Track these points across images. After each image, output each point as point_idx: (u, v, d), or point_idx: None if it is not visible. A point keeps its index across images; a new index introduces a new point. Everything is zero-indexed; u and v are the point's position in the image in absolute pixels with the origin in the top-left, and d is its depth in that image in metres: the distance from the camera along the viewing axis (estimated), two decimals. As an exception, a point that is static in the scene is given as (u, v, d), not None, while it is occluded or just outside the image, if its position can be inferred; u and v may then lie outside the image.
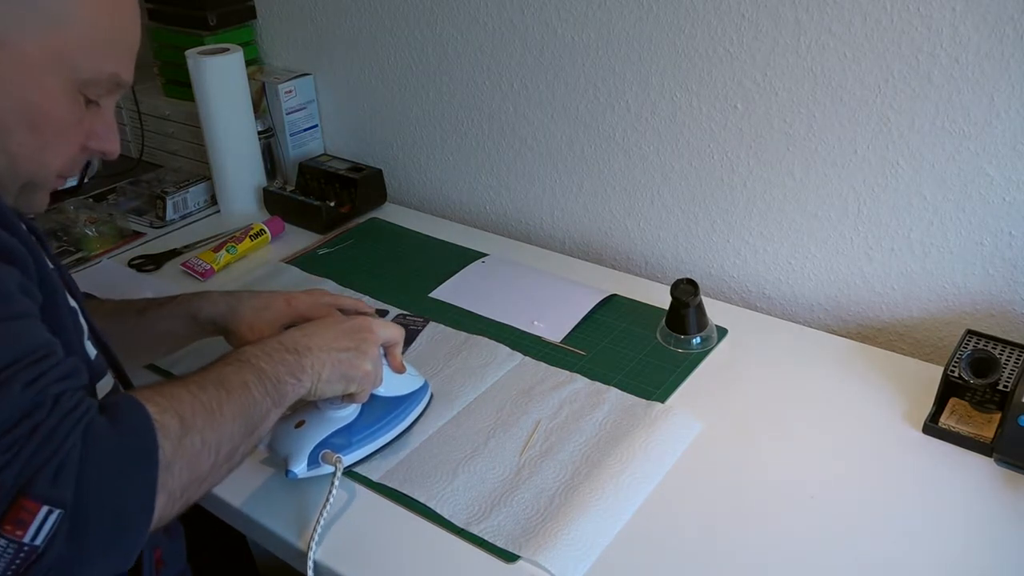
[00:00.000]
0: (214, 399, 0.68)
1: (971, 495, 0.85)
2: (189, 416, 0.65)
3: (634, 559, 0.80)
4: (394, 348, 0.90)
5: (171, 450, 0.62)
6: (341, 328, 0.84)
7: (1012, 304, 1.04)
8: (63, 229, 1.42)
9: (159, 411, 0.63)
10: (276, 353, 0.77)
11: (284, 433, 0.87)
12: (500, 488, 0.87)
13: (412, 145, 1.52)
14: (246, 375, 0.73)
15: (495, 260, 1.32)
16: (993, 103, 0.95)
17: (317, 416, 0.87)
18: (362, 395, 0.85)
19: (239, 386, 0.72)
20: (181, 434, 0.64)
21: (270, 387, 0.74)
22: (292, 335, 0.80)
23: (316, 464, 0.85)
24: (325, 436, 0.86)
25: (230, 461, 0.70)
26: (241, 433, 0.70)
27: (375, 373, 0.85)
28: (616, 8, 1.17)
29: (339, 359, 0.81)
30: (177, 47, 1.53)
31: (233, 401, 0.70)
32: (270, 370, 0.75)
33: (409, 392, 0.94)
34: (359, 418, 0.88)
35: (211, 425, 0.67)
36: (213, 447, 0.67)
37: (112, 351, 0.81)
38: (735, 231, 1.21)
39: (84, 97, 0.68)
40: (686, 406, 0.99)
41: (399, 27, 1.42)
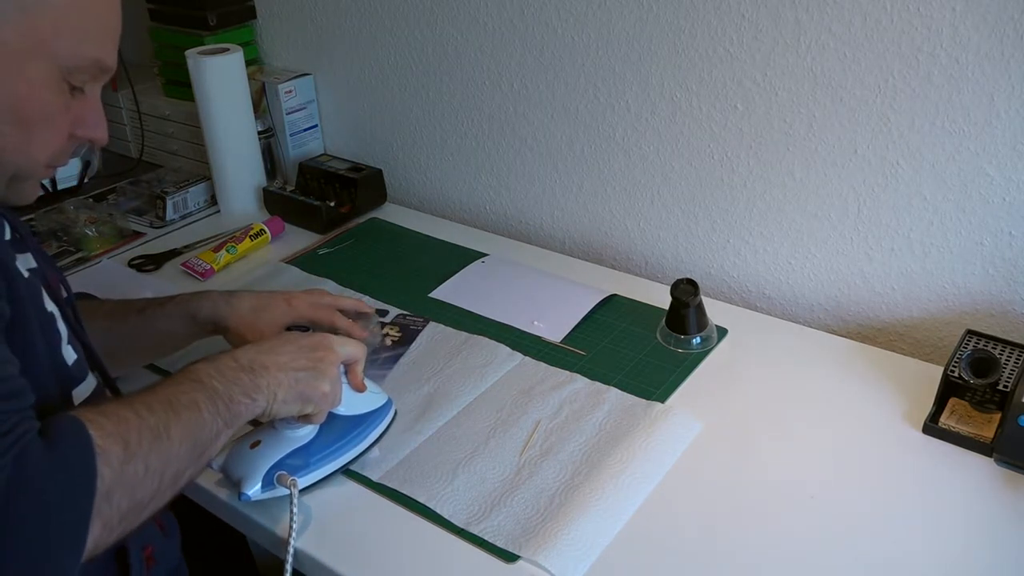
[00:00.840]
0: (161, 421, 0.66)
1: (971, 495, 0.85)
2: (134, 440, 0.63)
3: (634, 559, 0.80)
4: (355, 366, 0.86)
5: (111, 477, 0.60)
6: (299, 345, 0.80)
7: (1012, 304, 1.04)
8: (63, 229, 1.42)
9: (103, 435, 0.61)
10: (230, 371, 0.74)
11: (238, 454, 0.84)
12: (500, 488, 0.87)
13: (412, 145, 1.52)
14: (196, 395, 0.70)
15: (495, 260, 1.32)
16: (993, 103, 0.95)
17: (273, 435, 0.84)
18: (319, 416, 0.82)
19: (188, 406, 0.69)
20: (124, 460, 0.62)
21: (222, 407, 0.71)
22: (248, 352, 0.77)
23: (271, 486, 0.82)
24: (280, 457, 0.83)
25: (175, 485, 0.67)
26: (188, 456, 0.68)
27: (333, 393, 0.81)
28: (616, 8, 1.17)
29: (296, 378, 0.78)
30: (177, 47, 1.53)
31: (182, 423, 0.67)
32: (223, 390, 0.72)
33: (369, 411, 0.89)
34: (317, 438, 0.85)
35: (157, 450, 0.65)
36: (158, 473, 0.64)
37: (96, 352, 0.80)
38: (735, 231, 1.21)
39: (68, 84, 0.67)
40: (686, 406, 0.99)
41: (399, 27, 1.42)
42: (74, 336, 0.76)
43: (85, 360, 0.77)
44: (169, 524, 0.87)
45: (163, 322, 0.96)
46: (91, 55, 0.67)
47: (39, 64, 0.64)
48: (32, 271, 0.72)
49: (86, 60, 0.67)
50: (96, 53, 0.68)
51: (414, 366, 1.07)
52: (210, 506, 0.90)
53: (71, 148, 0.72)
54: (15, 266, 0.69)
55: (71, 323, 0.77)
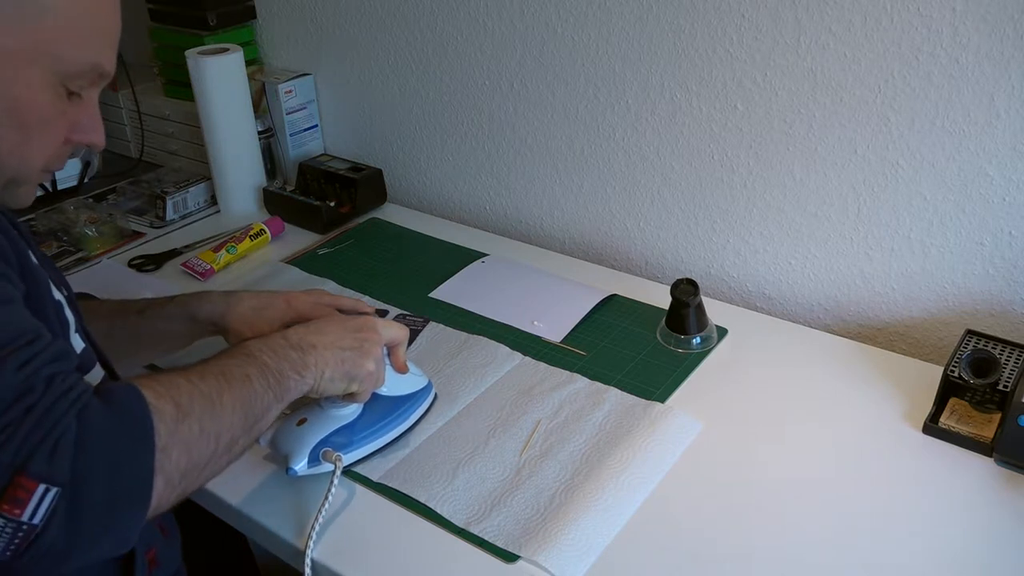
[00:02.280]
0: (214, 388, 0.69)
1: (971, 495, 0.85)
2: (187, 402, 0.65)
3: (634, 559, 0.80)
4: (397, 348, 0.90)
5: (167, 434, 0.62)
6: (346, 327, 0.84)
7: (1012, 304, 1.04)
8: (63, 229, 1.42)
9: (154, 396, 0.63)
10: (280, 349, 0.77)
11: (285, 430, 0.87)
12: (500, 488, 0.87)
13: (412, 145, 1.52)
14: (248, 368, 0.73)
15: (495, 260, 1.32)
16: (993, 103, 0.95)
17: (319, 414, 0.87)
18: (364, 395, 0.85)
19: (241, 378, 0.72)
20: (178, 419, 0.64)
21: (272, 381, 0.74)
22: (297, 332, 0.81)
23: (316, 462, 0.85)
24: (326, 434, 0.86)
25: (230, 452, 0.70)
26: (241, 424, 0.70)
27: (377, 373, 0.85)
28: (616, 8, 1.17)
29: (343, 358, 0.81)
30: (177, 47, 1.53)
31: (234, 392, 0.70)
32: (273, 365, 0.75)
33: (411, 392, 0.93)
34: (361, 417, 0.88)
35: (210, 413, 0.67)
36: (212, 435, 0.67)
37: (100, 347, 0.81)
38: (735, 231, 1.21)
39: (66, 89, 0.67)
40: (686, 406, 0.99)
41: (399, 27, 1.42)
42: (80, 327, 0.77)
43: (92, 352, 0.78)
44: (170, 526, 0.87)
45: (163, 322, 0.96)
46: (89, 60, 0.67)
47: (37, 69, 0.64)
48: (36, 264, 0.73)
49: (84, 65, 0.67)
50: (95, 58, 0.68)
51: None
52: (211, 507, 0.90)
53: (68, 152, 0.72)
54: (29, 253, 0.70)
55: (78, 313, 0.78)
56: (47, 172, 0.71)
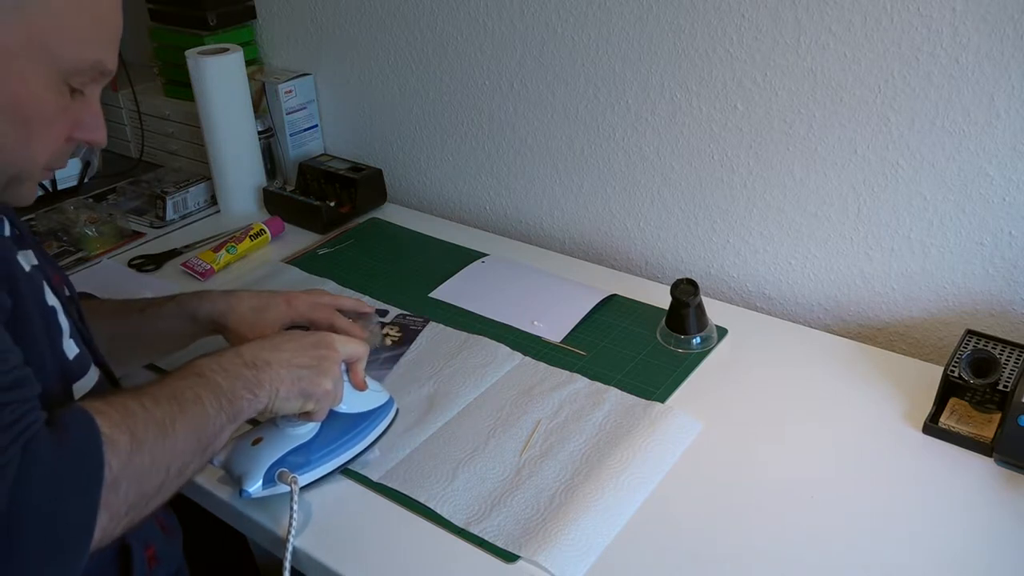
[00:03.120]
0: (167, 415, 0.67)
1: (971, 495, 0.85)
2: (141, 432, 0.64)
3: (634, 559, 0.80)
4: (356, 364, 0.87)
5: (118, 467, 0.61)
6: (302, 343, 0.81)
7: (1012, 304, 1.04)
8: (63, 229, 1.42)
9: (110, 425, 0.62)
10: (233, 367, 0.75)
11: (240, 450, 0.84)
12: (500, 488, 0.87)
13: (412, 145, 1.52)
14: (200, 390, 0.71)
15: (495, 260, 1.32)
16: (993, 103, 0.95)
17: (275, 433, 0.85)
18: (320, 413, 0.82)
19: (192, 400, 0.70)
20: (131, 451, 0.62)
21: (225, 403, 0.72)
22: (251, 348, 0.78)
23: (272, 483, 0.83)
24: (282, 454, 0.83)
25: (180, 478, 0.68)
26: (193, 450, 0.69)
27: (335, 391, 0.82)
28: (616, 8, 1.17)
29: (298, 376, 0.78)
30: (177, 47, 1.53)
31: (186, 417, 0.68)
32: (226, 385, 0.73)
33: (371, 408, 0.90)
34: (318, 436, 0.85)
35: (162, 442, 0.65)
36: (163, 465, 0.65)
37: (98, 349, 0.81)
38: (735, 231, 1.21)
39: (68, 86, 0.67)
40: (686, 406, 0.99)
41: (399, 27, 1.42)
42: (76, 331, 0.76)
43: (88, 355, 0.77)
44: (171, 524, 0.87)
45: (163, 322, 0.96)
46: (91, 57, 0.67)
47: (38, 66, 0.64)
48: (34, 267, 0.73)
49: (86, 63, 0.67)
50: (96, 55, 0.67)
51: (414, 366, 1.07)
52: (211, 506, 0.90)
53: (70, 150, 0.72)
54: (16, 259, 0.69)
55: (73, 318, 0.77)
56: (49, 170, 0.71)
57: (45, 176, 0.72)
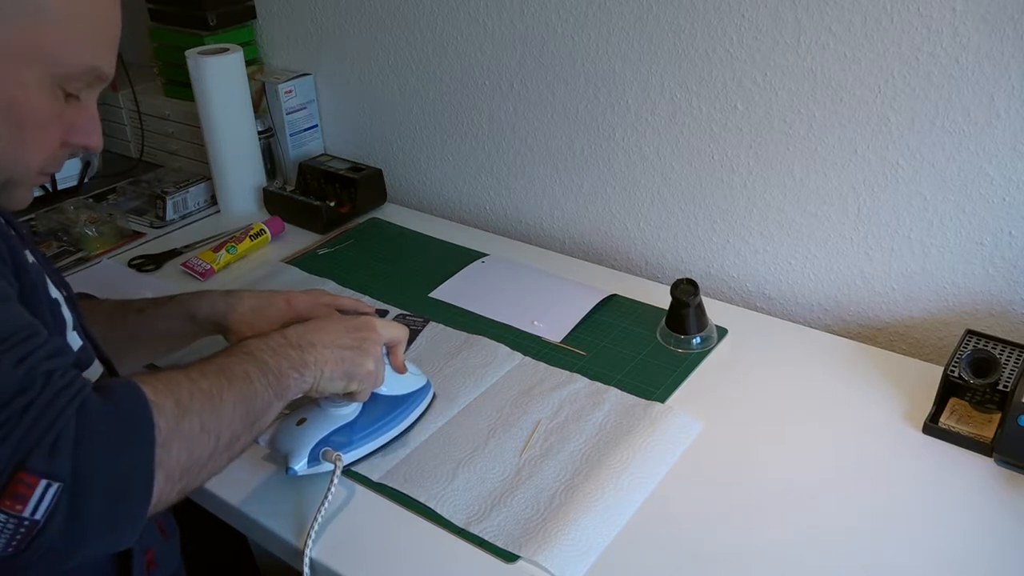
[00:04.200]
0: (215, 386, 0.69)
1: (971, 495, 0.85)
2: (187, 399, 0.65)
3: (634, 559, 0.80)
4: (397, 348, 0.90)
5: (167, 429, 0.62)
6: (345, 326, 0.84)
7: (1012, 304, 1.04)
8: (63, 229, 1.42)
9: (154, 392, 0.63)
10: (280, 347, 0.77)
11: (285, 430, 0.87)
12: (500, 488, 0.87)
13: (412, 145, 1.52)
14: (248, 366, 0.73)
15: (495, 260, 1.32)
16: (993, 103, 0.95)
17: (318, 413, 0.88)
18: (363, 394, 0.85)
19: (241, 376, 0.72)
20: (178, 415, 0.64)
21: (272, 380, 0.74)
22: (296, 330, 0.80)
23: (316, 461, 0.85)
24: (326, 434, 0.86)
25: (231, 449, 0.70)
26: (242, 422, 0.70)
27: (377, 372, 0.85)
28: (616, 8, 1.17)
29: (342, 356, 0.81)
30: (177, 47, 1.53)
31: (234, 390, 0.70)
32: (273, 363, 0.75)
33: (410, 391, 0.94)
34: (360, 416, 0.88)
35: (210, 410, 0.67)
36: (213, 432, 0.67)
37: (99, 344, 0.81)
38: (735, 231, 1.21)
39: (64, 91, 0.67)
40: (686, 406, 0.99)
41: (399, 27, 1.42)
42: (79, 325, 0.77)
43: (90, 349, 0.78)
44: (170, 527, 0.87)
45: (163, 322, 0.96)
46: (88, 63, 0.67)
47: (34, 70, 0.64)
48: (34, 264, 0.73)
49: (82, 68, 0.66)
50: (93, 61, 0.67)
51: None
52: (211, 506, 0.90)
53: (65, 154, 0.72)
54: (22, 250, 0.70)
55: (76, 312, 0.77)
56: (44, 174, 0.71)
57: (40, 181, 0.72)
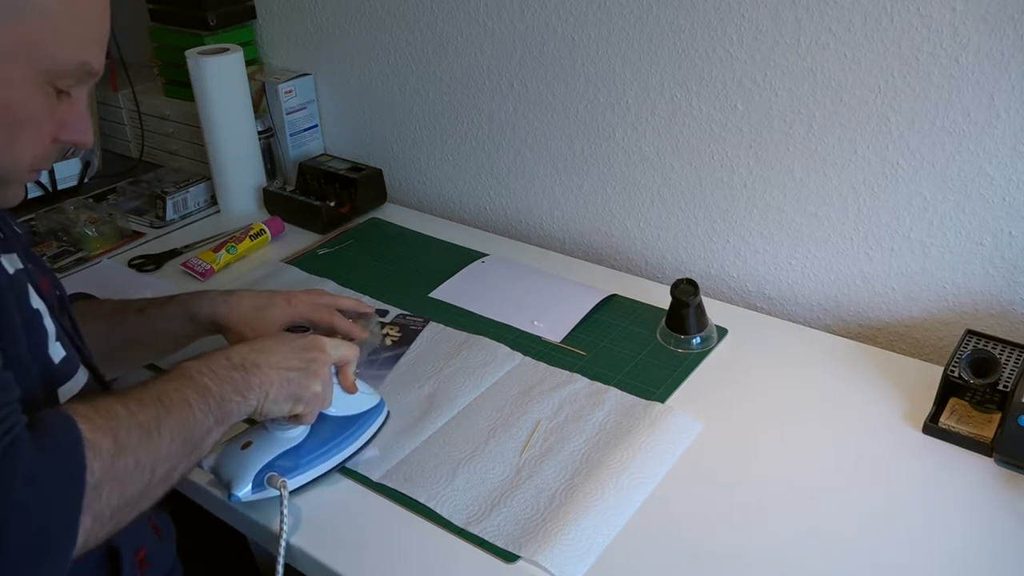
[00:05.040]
0: (152, 417, 0.66)
1: (971, 495, 0.85)
2: (124, 435, 0.63)
3: (634, 559, 0.80)
4: (346, 367, 0.87)
5: (100, 470, 0.60)
6: (292, 346, 0.81)
7: (1012, 304, 1.04)
8: (63, 229, 1.43)
9: (92, 429, 0.61)
10: (222, 370, 0.74)
11: (229, 454, 0.84)
12: (500, 488, 0.87)
13: (412, 145, 1.52)
14: (188, 392, 0.71)
15: (495, 260, 1.32)
16: (993, 103, 0.95)
17: (264, 436, 0.84)
18: (310, 416, 0.82)
19: (180, 404, 0.69)
20: (114, 454, 0.62)
21: (213, 405, 0.72)
22: (240, 351, 0.78)
23: (261, 487, 0.83)
24: (271, 458, 0.83)
25: (167, 482, 0.68)
26: (179, 453, 0.68)
27: (324, 394, 0.82)
28: (616, 8, 1.17)
29: (288, 378, 0.78)
30: (177, 47, 1.53)
31: (172, 419, 0.68)
32: (215, 388, 0.72)
33: (361, 411, 0.90)
34: (308, 439, 0.85)
35: (147, 445, 0.65)
36: (148, 467, 0.65)
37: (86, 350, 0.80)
38: (735, 231, 1.21)
39: (54, 88, 0.66)
40: (686, 406, 0.99)
41: (399, 27, 1.42)
42: (64, 334, 0.75)
43: (76, 357, 0.76)
44: (164, 526, 0.86)
45: (163, 322, 0.96)
46: (77, 59, 0.66)
47: (23, 67, 0.63)
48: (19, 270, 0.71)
49: (71, 64, 0.66)
50: (82, 57, 0.66)
51: (414, 366, 1.07)
52: (210, 506, 0.90)
53: (56, 151, 0.71)
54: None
55: (61, 321, 0.76)
56: (35, 172, 0.70)
57: (31, 178, 0.71)
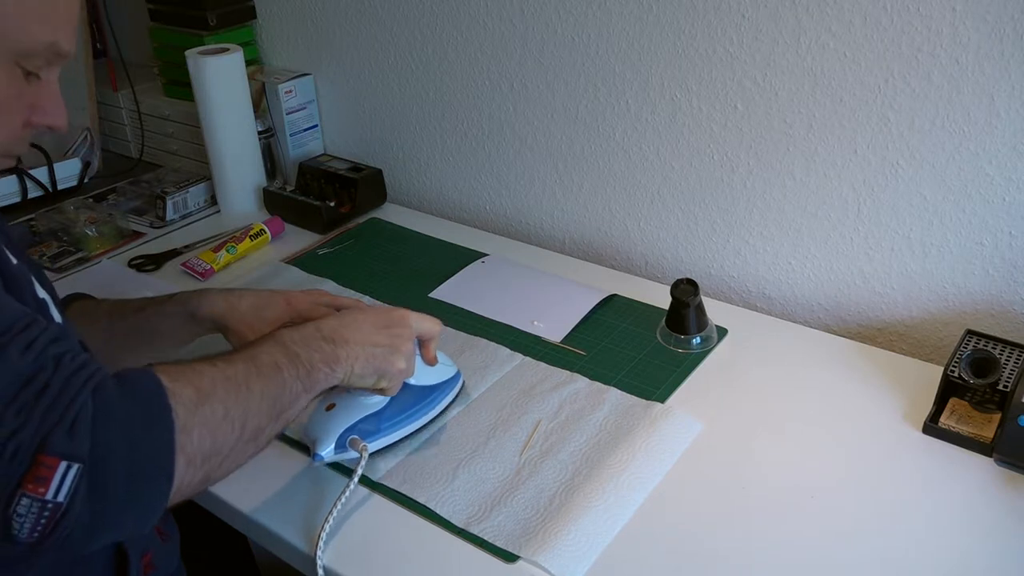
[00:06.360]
0: (241, 373, 0.69)
1: (971, 495, 0.85)
2: (208, 386, 0.65)
3: (634, 559, 0.80)
4: (429, 343, 0.91)
5: (185, 414, 0.62)
6: (380, 321, 0.84)
7: (1012, 304, 1.04)
8: (63, 229, 1.42)
9: (170, 379, 0.63)
10: (312, 340, 0.77)
11: (314, 415, 0.88)
12: (500, 488, 0.87)
13: (412, 145, 1.52)
14: (278, 356, 0.73)
15: (495, 260, 1.32)
16: (993, 103, 0.95)
17: (348, 400, 0.88)
18: (393, 389, 0.86)
19: (270, 365, 0.72)
20: (197, 401, 0.63)
21: (302, 372, 0.74)
22: (330, 324, 0.80)
23: (343, 449, 0.86)
24: (354, 421, 0.86)
25: (256, 440, 0.69)
26: (268, 412, 0.70)
27: (408, 369, 0.85)
28: (616, 8, 1.17)
29: (374, 354, 0.81)
30: (177, 47, 1.53)
31: (262, 379, 0.70)
32: (304, 355, 0.75)
33: (439, 382, 0.95)
34: (388, 406, 0.89)
35: (234, 397, 0.67)
36: (237, 420, 0.66)
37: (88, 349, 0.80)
38: (735, 231, 1.21)
39: (22, 69, 0.65)
40: (686, 406, 0.99)
41: (399, 27, 1.42)
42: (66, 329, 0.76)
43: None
44: (169, 530, 0.87)
45: (162, 321, 0.96)
46: (45, 39, 0.65)
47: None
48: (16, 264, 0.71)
49: (40, 44, 0.65)
50: (50, 37, 0.65)
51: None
52: (212, 507, 0.90)
53: (29, 136, 0.70)
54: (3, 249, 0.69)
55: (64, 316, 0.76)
56: (8, 157, 0.70)
57: (4, 164, 0.71)
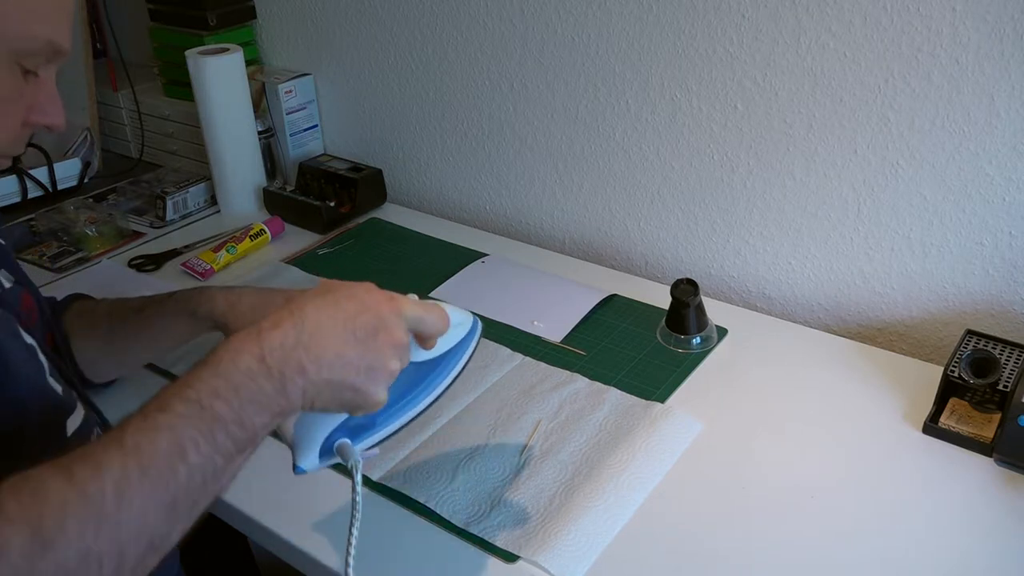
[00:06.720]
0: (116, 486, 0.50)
1: (971, 495, 0.85)
2: (53, 525, 0.48)
3: (634, 559, 0.80)
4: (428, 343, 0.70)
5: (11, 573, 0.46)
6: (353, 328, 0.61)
7: (1012, 304, 1.04)
8: (63, 229, 1.42)
9: (5, 519, 0.47)
10: (249, 382, 0.56)
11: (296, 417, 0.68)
12: (500, 488, 0.87)
13: (412, 145, 1.52)
14: (183, 430, 0.53)
15: (495, 260, 1.32)
16: (993, 103, 0.95)
17: None
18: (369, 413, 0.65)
19: (168, 455, 0.52)
20: (30, 554, 0.47)
21: (227, 435, 0.55)
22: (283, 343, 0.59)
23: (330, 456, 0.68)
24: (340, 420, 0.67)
25: (154, 551, 0.53)
26: (166, 519, 0.52)
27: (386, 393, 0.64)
28: (616, 8, 1.17)
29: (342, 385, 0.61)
30: (177, 47, 1.53)
31: (150, 479, 0.51)
32: (230, 414, 0.55)
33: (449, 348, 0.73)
34: None
35: (101, 528, 0.49)
36: (109, 554, 0.49)
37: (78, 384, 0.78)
38: (735, 231, 1.21)
39: (20, 68, 0.64)
40: (686, 406, 0.99)
41: (399, 27, 1.42)
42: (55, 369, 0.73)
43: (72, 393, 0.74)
44: None
45: (162, 320, 0.96)
46: (43, 36, 0.64)
47: None
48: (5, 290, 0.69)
49: (38, 42, 0.64)
50: (48, 35, 0.65)
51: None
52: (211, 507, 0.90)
53: (27, 135, 0.69)
54: None
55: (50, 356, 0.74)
56: (5, 157, 0.69)
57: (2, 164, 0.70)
